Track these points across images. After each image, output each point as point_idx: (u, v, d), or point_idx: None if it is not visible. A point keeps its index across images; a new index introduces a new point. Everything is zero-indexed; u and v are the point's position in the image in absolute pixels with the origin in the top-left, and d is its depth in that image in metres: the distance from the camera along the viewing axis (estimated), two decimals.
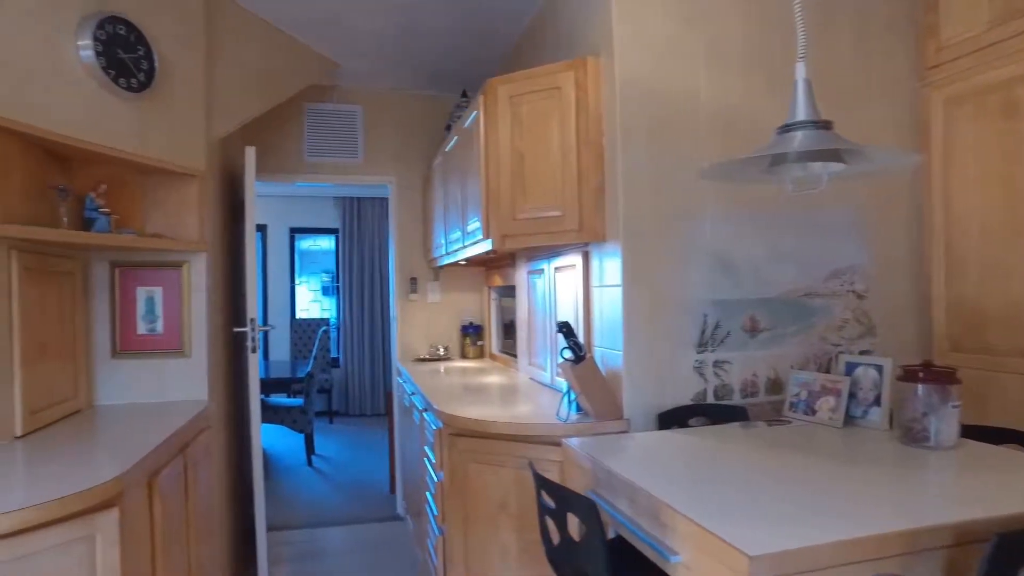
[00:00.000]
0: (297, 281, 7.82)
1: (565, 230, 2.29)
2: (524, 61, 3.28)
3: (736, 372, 2.30)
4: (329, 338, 6.86)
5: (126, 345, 2.56)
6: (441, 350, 4.12)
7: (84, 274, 2.47)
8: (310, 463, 5.47)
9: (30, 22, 2.00)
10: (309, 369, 5.31)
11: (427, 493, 2.77)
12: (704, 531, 1.20)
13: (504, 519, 2.24)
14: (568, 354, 2.16)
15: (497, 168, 2.43)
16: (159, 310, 2.59)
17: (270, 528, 3.80)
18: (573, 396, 2.21)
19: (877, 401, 1.96)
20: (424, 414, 2.79)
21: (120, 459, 1.73)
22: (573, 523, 1.50)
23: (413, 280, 4.20)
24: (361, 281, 7.52)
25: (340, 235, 7.56)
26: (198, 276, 2.65)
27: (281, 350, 7.48)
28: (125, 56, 2.26)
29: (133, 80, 2.30)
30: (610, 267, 2.25)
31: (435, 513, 2.55)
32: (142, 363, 2.58)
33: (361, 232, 7.54)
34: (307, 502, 4.49)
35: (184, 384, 2.63)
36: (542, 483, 1.53)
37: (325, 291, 8.04)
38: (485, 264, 3.97)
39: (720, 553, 1.15)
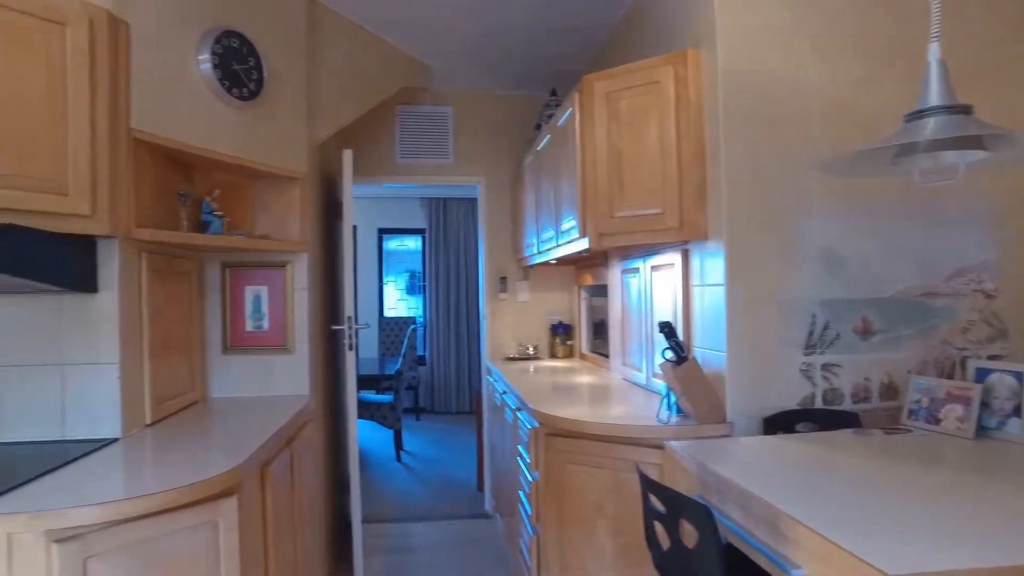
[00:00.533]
0: (384, 280, 8.04)
1: (665, 228, 2.23)
2: (616, 57, 3.23)
3: (847, 376, 2.18)
4: (417, 336, 7.01)
5: (236, 341, 2.69)
6: (530, 349, 4.12)
7: (199, 274, 2.62)
8: (399, 459, 5.61)
9: (161, 41, 2.14)
10: (399, 366, 5.44)
11: (520, 492, 2.78)
12: (833, 545, 1.13)
13: (601, 521, 2.21)
14: (670, 355, 2.10)
15: (594, 166, 2.40)
16: (265, 308, 2.71)
17: (363, 520, 3.91)
18: (673, 398, 2.16)
19: (1016, 412, 1.80)
20: (518, 413, 2.79)
21: (237, 450, 1.81)
22: (684, 529, 1.46)
23: (503, 279, 4.23)
24: (447, 280, 7.65)
25: (427, 235, 7.72)
26: (300, 276, 2.76)
27: (369, 348, 7.71)
28: (238, 67, 2.38)
29: (244, 89, 2.41)
30: (712, 266, 2.18)
31: (529, 513, 2.55)
32: (250, 359, 2.71)
33: (447, 232, 7.67)
34: (397, 497, 4.60)
35: (288, 379, 2.74)
36: (651, 486, 1.49)
37: (409, 290, 8.23)
38: (575, 263, 3.94)
39: (851, 570, 1.08)
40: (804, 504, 1.32)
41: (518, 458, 2.80)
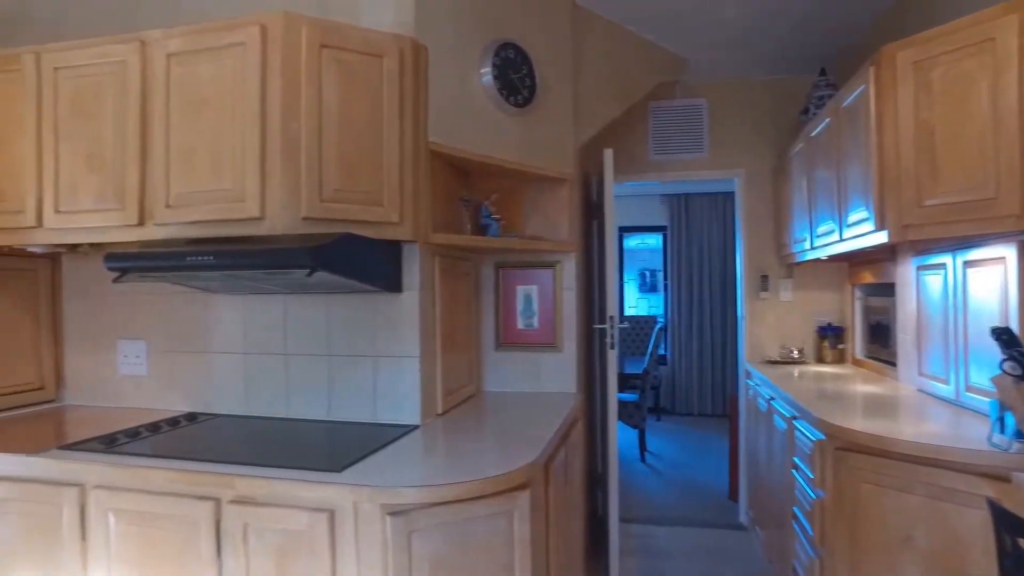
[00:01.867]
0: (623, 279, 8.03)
1: (999, 216, 1.87)
2: (908, 23, 2.81)
3: None
4: (663, 335, 6.88)
5: (508, 339, 2.84)
6: (795, 352, 3.79)
7: (476, 275, 2.81)
8: (643, 459, 5.54)
9: (450, 59, 2.32)
10: (645, 365, 5.38)
11: (795, 509, 2.55)
12: None
13: (907, 554, 1.93)
14: (1010, 367, 1.75)
15: (895, 148, 2.10)
16: (535, 307, 2.82)
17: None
18: (1012, 419, 1.80)
19: None
20: (794, 422, 2.57)
21: (526, 445, 1.90)
22: None
23: (764, 278, 3.94)
24: (690, 279, 7.41)
25: (668, 233, 7.55)
26: (568, 275, 2.82)
27: None
28: (513, 76, 2.51)
29: (519, 97, 2.53)
30: None
31: (809, 533, 2.32)
32: (520, 355, 2.84)
33: (689, 229, 7.42)
34: (644, 498, 4.54)
35: (556, 376, 2.82)
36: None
37: (641, 288, 8.14)
38: (849, 259, 3.53)
39: None
40: None
41: (793, 471, 2.58)
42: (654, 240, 7.98)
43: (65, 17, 2.57)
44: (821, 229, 2.92)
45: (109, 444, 1.94)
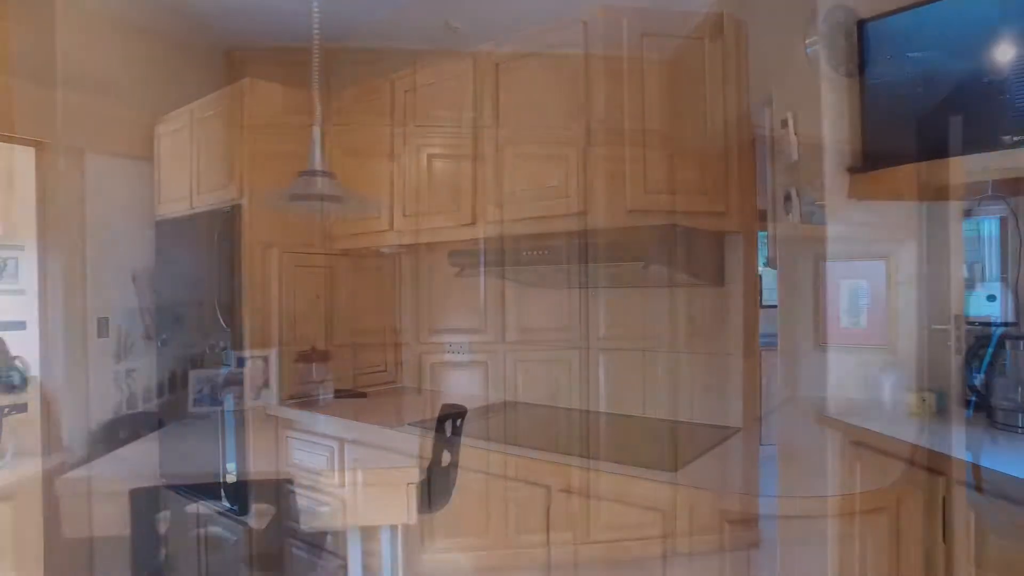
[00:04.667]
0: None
1: None
2: None
3: None
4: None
5: (827, 337, 2.53)
6: None
7: None
8: None
9: (771, 31, 2.11)
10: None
11: None
12: None
13: None
14: None
15: None
16: (864, 302, 2.48)
17: None
18: None
19: None
20: None
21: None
22: None
23: None
24: None
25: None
26: (906, 267, 2.42)
27: None
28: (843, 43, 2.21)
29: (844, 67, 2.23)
30: None
31: None
32: (846, 356, 2.51)
33: None
34: None
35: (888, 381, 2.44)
36: None
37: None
38: None
39: None
40: None
41: None
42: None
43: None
44: None
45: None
